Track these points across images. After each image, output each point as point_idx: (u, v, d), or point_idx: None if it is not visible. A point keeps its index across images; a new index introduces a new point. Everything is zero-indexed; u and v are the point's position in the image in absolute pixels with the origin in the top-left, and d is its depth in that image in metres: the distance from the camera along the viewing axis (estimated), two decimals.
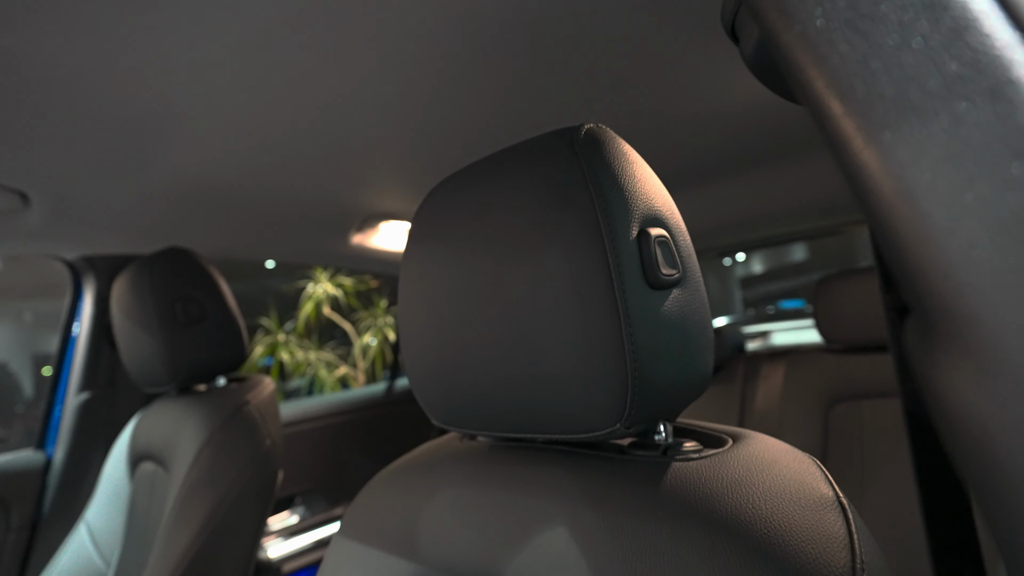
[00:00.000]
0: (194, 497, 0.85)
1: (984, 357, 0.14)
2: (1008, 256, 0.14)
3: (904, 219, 0.16)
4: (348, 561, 0.54)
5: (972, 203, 0.15)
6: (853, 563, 0.30)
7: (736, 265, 7.45)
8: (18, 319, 6.55)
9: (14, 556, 1.18)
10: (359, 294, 5.17)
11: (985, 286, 0.14)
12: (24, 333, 6.61)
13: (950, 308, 0.15)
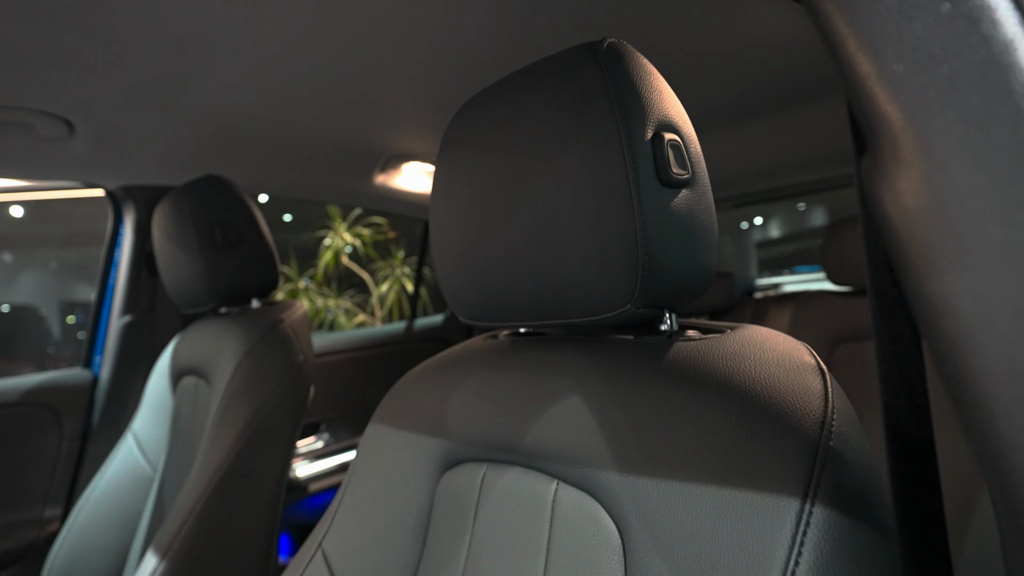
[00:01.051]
0: (235, 403, 0.92)
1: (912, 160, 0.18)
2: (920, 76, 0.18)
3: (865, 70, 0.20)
4: (381, 443, 0.61)
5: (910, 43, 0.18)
6: (826, 410, 0.35)
7: (753, 229, 7.38)
8: (44, 267, 6.75)
9: (68, 462, 1.29)
10: (377, 244, 5.24)
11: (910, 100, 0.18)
12: (49, 280, 6.80)
13: (889, 122, 0.19)
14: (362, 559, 0.56)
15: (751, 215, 7.81)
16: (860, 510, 0.31)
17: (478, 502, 0.51)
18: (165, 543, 0.82)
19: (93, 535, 1.12)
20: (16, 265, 6.59)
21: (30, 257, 6.94)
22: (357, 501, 0.59)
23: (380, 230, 5.26)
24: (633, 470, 0.39)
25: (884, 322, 0.31)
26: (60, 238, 6.75)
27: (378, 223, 5.26)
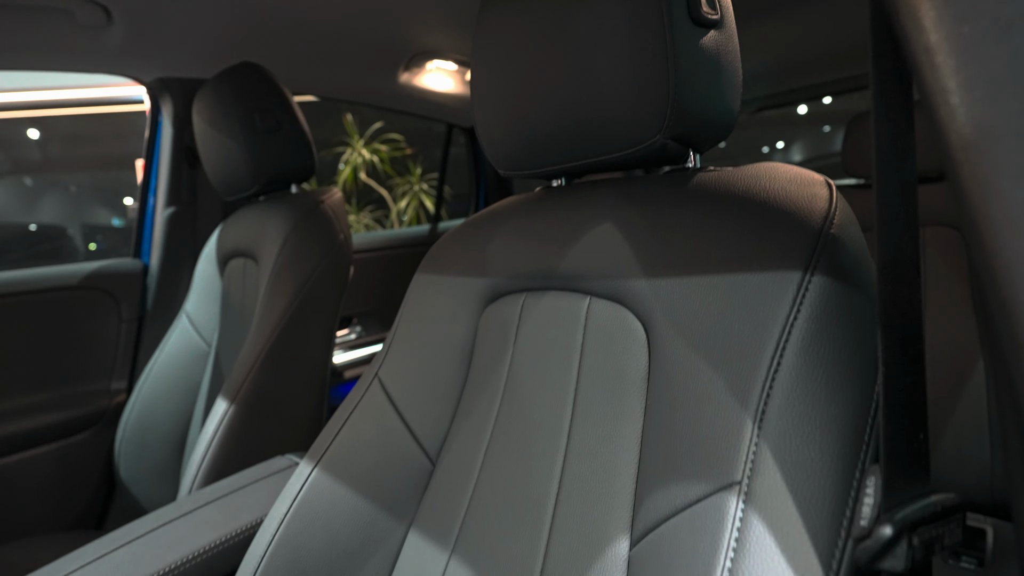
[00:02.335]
0: (284, 275, 1.01)
1: None
2: None
3: None
4: (428, 287, 0.69)
5: None
6: (829, 208, 0.41)
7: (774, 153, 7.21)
8: (65, 191, 6.86)
9: (127, 342, 1.41)
10: (394, 161, 5.24)
11: None
12: (71, 204, 6.91)
13: None
14: (414, 384, 0.65)
15: (773, 139, 7.60)
16: (851, 280, 0.38)
17: (518, 326, 0.59)
18: (234, 389, 0.92)
19: (158, 402, 1.24)
20: (37, 188, 6.70)
21: (50, 181, 7.05)
22: (407, 337, 0.68)
23: (397, 146, 5.24)
24: (659, 274, 0.46)
25: (883, 212, 0.31)
26: (78, 160, 6.81)
27: (395, 139, 5.24)
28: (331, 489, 0.61)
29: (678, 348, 0.43)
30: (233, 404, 0.91)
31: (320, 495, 0.61)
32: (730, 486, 0.34)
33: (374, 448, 0.63)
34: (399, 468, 0.62)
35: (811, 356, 0.35)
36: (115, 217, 6.91)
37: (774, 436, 0.33)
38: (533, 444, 0.53)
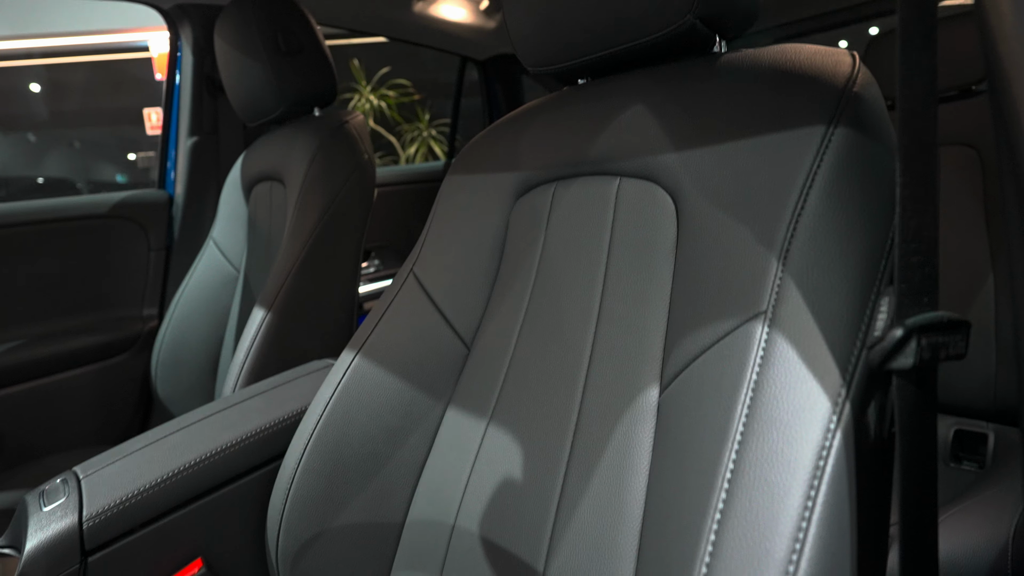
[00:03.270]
0: (312, 193, 1.04)
1: None
2: None
3: None
4: (459, 187, 0.72)
5: None
6: (852, 71, 0.43)
7: None
8: (69, 146, 6.84)
9: (157, 270, 1.46)
10: (402, 107, 5.19)
11: None
12: (75, 159, 6.88)
13: None
14: (447, 277, 0.69)
15: None
16: (872, 132, 0.40)
17: (549, 214, 0.62)
18: (269, 298, 0.97)
19: (189, 326, 1.29)
20: (41, 144, 6.67)
21: (54, 137, 7.00)
22: (440, 234, 0.71)
23: (405, 91, 5.17)
24: (688, 146, 0.49)
25: (907, 130, 0.32)
26: (80, 115, 6.74)
27: (403, 84, 5.17)
28: (372, 373, 0.66)
29: (706, 212, 0.46)
30: (270, 312, 0.96)
31: (362, 379, 0.66)
32: (755, 316, 0.38)
33: (411, 336, 0.67)
34: (436, 353, 0.66)
35: (833, 198, 0.38)
36: (119, 174, 6.89)
37: (797, 269, 0.37)
38: (565, 316, 0.57)
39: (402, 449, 0.65)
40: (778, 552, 0.30)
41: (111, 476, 0.65)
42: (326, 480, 0.64)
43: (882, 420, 0.35)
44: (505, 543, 0.53)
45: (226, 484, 0.69)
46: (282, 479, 0.65)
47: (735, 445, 0.34)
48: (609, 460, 0.47)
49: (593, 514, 0.47)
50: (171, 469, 0.66)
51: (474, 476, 0.58)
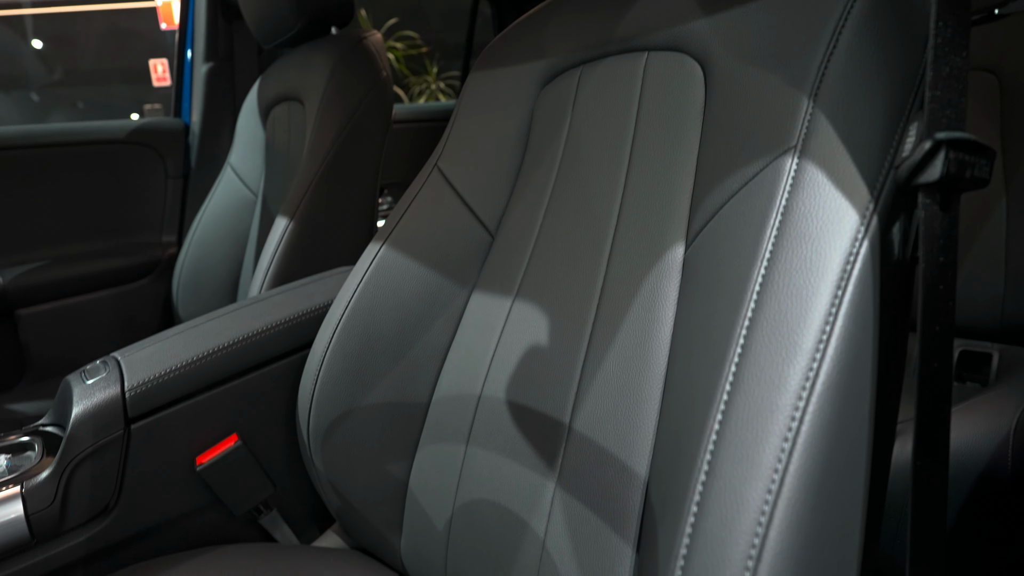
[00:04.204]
0: (331, 107, 1.04)
1: None
2: None
3: None
4: (483, 81, 0.72)
5: None
6: None
7: None
8: (73, 107, 6.77)
9: (174, 198, 1.48)
10: (409, 59, 5.11)
11: None
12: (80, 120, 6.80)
13: None
14: (472, 168, 0.70)
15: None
16: None
17: (575, 97, 0.63)
18: (292, 207, 0.99)
19: (208, 251, 1.32)
20: (45, 104, 6.59)
21: (57, 96, 6.90)
22: (464, 127, 0.72)
23: (413, 43, 5.09)
24: (717, 9, 0.49)
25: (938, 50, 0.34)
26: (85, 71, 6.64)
27: (410, 35, 5.08)
28: (398, 262, 0.68)
29: (736, 70, 0.47)
30: (292, 222, 0.98)
31: (389, 267, 0.68)
32: (785, 152, 0.39)
33: (436, 226, 0.69)
34: (461, 242, 0.68)
35: (866, 35, 0.38)
36: None
37: (828, 102, 0.38)
38: (591, 192, 0.58)
39: (428, 333, 0.67)
40: (806, 343, 0.32)
41: (148, 356, 0.68)
42: (354, 362, 0.66)
43: (906, 243, 0.36)
44: (531, 403, 0.55)
45: (258, 368, 0.72)
46: (312, 361, 0.68)
47: (764, 262, 0.36)
48: (634, 316, 0.50)
49: (618, 365, 0.49)
50: (204, 350, 0.68)
51: (500, 349, 0.61)
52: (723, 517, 0.31)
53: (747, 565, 0.30)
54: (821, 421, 0.31)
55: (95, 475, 0.62)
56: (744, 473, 0.31)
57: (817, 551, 0.30)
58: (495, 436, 0.58)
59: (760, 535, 0.30)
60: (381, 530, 0.67)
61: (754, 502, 0.30)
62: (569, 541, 0.49)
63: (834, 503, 0.30)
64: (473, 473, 0.59)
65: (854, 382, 0.31)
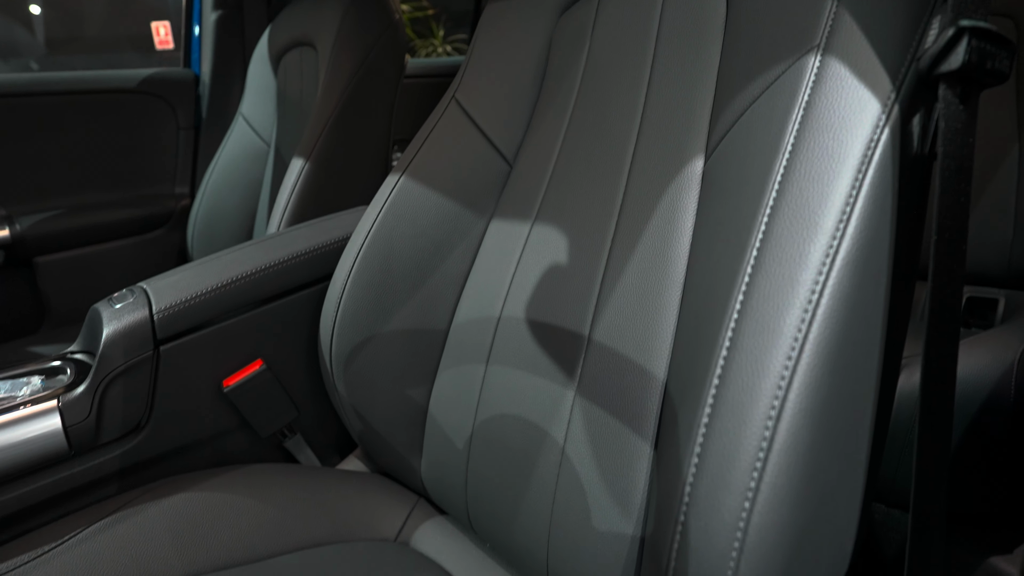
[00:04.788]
0: (345, 50, 1.04)
1: None
2: None
3: None
4: (500, 12, 0.72)
5: None
6: None
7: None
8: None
9: (186, 149, 1.48)
10: (415, 22, 5.03)
11: None
12: None
13: None
14: (489, 99, 0.70)
15: None
16: None
17: (594, 23, 0.63)
18: (308, 148, 0.99)
19: (222, 200, 1.33)
20: (45, 71, 6.50)
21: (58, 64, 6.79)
22: (481, 59, 0.72)
23: (419, 6, 5.00)
24: None
25: None
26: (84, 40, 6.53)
27: None
28: (416, 193, 0.69)
29: None
30: (308, 161, 0.99)
31: (407, 198, 0.69)
32: (807, 51, 0.40)
33: (454, 156, 0.69)
34: (478, 171, 0.69)
35: None
36: None
37: (852, 0, 0.39)
38: (610, 112, 0.59)
39: (447, 261, 0.68)
40: (827, 223, 0.33)
41: (174, 283, 0.70)
42: (374, 291, 0.68)
43: (925, 136, 0.37)
44: (550, 319, 0.57)
45: (280, 297, 0.74)
46: (333, 290, 0.69)
47: (786, 154, 0.37)
48: (653, 228, 0.51)
49: (637, 276, 0.51)
50: (228, 278, 0.70)
51: (518, 273, 0.62)
52: (744, 384, 0.33)
53: (767, 425, 0.32)
54: (840, 294, 0.32)
55: (127, 393, 0.64)
56: (765, 342, 0.33)
57: (833, 414, 0.32)
58: (514, 354, 0.60)
59: (780, 397, 0.31)
60: (402, 453, 0.69)
61: (775, 368, 0.32)
62: (588, 445, 0.51)
63: (850, 371, 0.32)
64: (493, 391, 0.61)
65: (872, 260, 0.33)
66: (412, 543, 0.67)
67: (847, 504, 0.36)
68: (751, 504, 0.31)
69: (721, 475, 0.33)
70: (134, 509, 0.60)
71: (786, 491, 0.31)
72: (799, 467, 0.31)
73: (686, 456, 0.36)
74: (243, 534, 0.62)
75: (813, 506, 0.32)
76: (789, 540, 0.32)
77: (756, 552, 0.31)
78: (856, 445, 0.33)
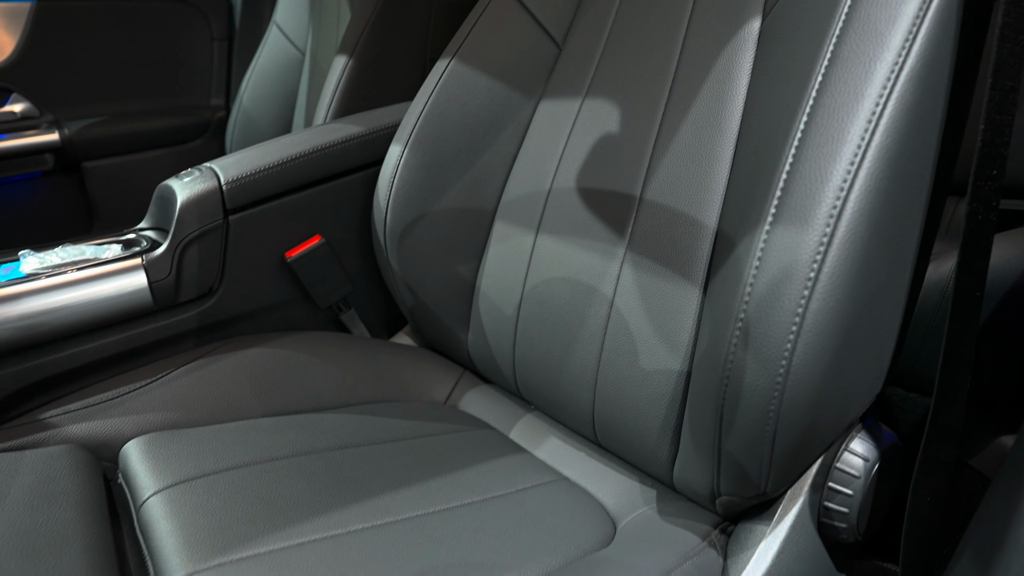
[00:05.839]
0: None
1: None
2: None
3: None
4: None
5: None
6: None
7: None
8: None
9: (221, 60, 1.50)
10: None
11: None
12: None
13: None
14: None
15: None
16: None
17: None
18: (350, 46, 1.01)
19: (258, 110, 1.35)
20: None
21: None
22: None
23: None
24: None
25: None
26: None
27: None
28: (466, 75, 0.71)
29: None
30: (351, 58, 1.00)
31: (457, 81, 0.71)
32: None
33: (504, 38, 0.71)
34: (528, 54, 0.71)
35: None
36: None
37: None
38: (653, 17, 0.60)
39: (496, 141, 0.71)
40: (894, 42, 0.36)
41: (237, 160, 0.73)
42: (426, 171, 0.71)
43: None
44: (602, 185, 0.60)
45: (336, 177, 0.77)
46: (387, 169, 0.73)
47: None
48: (708, 88, 0.53)
49: (691, 134, 0.53)
50: (288, 155, 0.74)
51: (569, 146, 0.65)
52: (807, 190, 0.36)
53: (828, 223, 0.35)
54: (903, 106, 0.35)
55: (201, 257, 0.69)
56: (829, 152, 0.36)
57: (887, 219, 0.35)
58: (564, 222, 0.63)
59: (841, 198, 0.35)
60: (449, 326, 0.74)
61: (837, 173, 0.35)
62: (638, 295, 0.55)
63: (906, 181, 0.35)
64: (542, 258, 0.65)
65: (934, 77, 0.35)
66: (460, 406, 0.73)
67: (891, 312, 0.40)
68: (810, 291, 0.35)
69: (782, 268, 0.37)
70: (214, 358, 0.66)
71: (843, 279, 0.35)
72: (855, 263, 0.35)
73: (746, 264, 0.40)
74: (310, 387, 0.68)
75: (864, 301, 0.36)
76: (842, 327, 0.36)
77: (812, 333, 0.36)
78: (903, 254, 0.37)
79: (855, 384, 0.41)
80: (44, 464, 0.49)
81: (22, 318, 0.60)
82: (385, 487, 0.51)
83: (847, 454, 0.45)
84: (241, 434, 0.57)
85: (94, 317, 0.64)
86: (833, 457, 0.45)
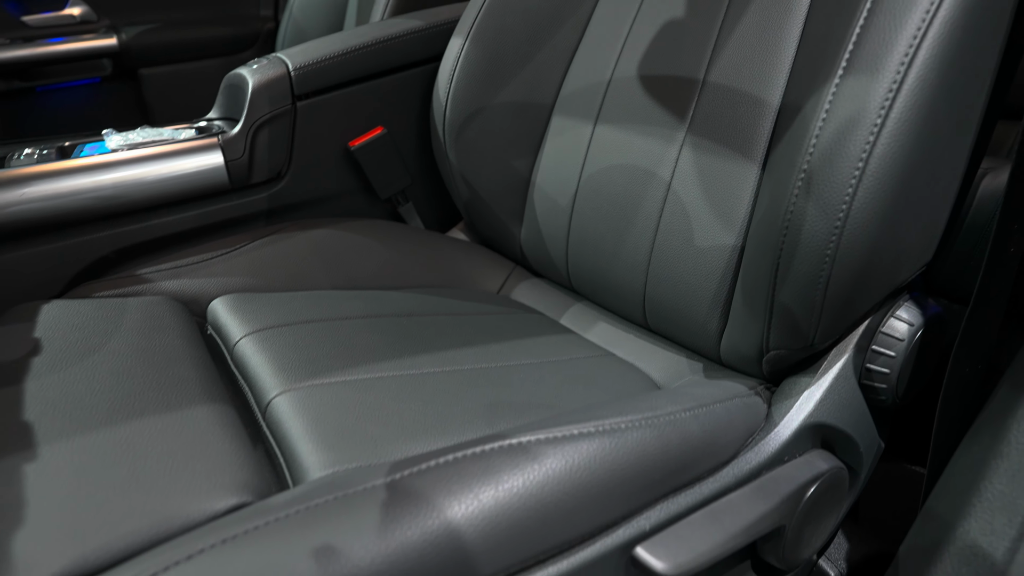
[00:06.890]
0: None
1: None
2: None
3: None
4: None
5: None
6: None
7: None
8: None
9: None
10: None
11: None
12: None
13: None
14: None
15: None
16: None
17: None
18: None
19: (307, 20, 1.35)
20: None
21: None
22: None
23: None
24: None
25: None
26: None
27: None
28: None
29: None
30: None
31: None
32: None
33: None
34: None
35: None
36: None
37: None
38: None
39: (556, 36, 0.72)
40: None
41: (303, 49, 0.76)
42: (485, 64, 0.72)
43: None
44: (664, 71, 0.61)
45: (398, 70, 0.79)
46: (447, 61, 0.74)
47: None
48: None
49: (760, 12, 0.54)
50: (352, 45, 0.76)
51: (631, 37, 0.66)
52: (880, 40, 0.37)
53: (898, 70, 0.37)
54: None
55: (271, 141, 0.72)
56: (905, 2, 0.37)
57: (959, 69, 0.36)
58: (624, 110, 0.64)
59: (913, 46, 0.36)
60: (504, 219, 0.77)
61: (912, 22, 0.36)
62: (696, 176, 0.57)
63: (978, 36, 0.36)
64: (600, 148, 0.66)
65: None
66: (512, 297, 0.77)
67: (949, 176, 0.41)
68: (875, 136, 0.37)
69: (850, 116, 0.38)
70: (285, 235, 0.70)
71: (909, 125, 0.37)
72: (922, 109, 0.36)
73: (813, 118, 0.41)
74: (371, 268, 0.72)
75: (926, 153, 0.37)
76: (903, 175, 0.38)
77: (874, 178, 0.37)
78: (967, 116, 0.38)
79: (908, 242, 0.43)
80: (147, 307, 0.54)
81: (112, 186, 0.65)
82: (450, 345, 0.56)
83: (892, 320, 0.47)
84: (314, 299, 0.62)
85: (176, 191, 0.68)
86: (879, 322, 0.47)
